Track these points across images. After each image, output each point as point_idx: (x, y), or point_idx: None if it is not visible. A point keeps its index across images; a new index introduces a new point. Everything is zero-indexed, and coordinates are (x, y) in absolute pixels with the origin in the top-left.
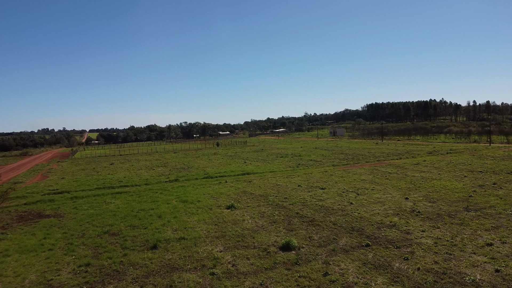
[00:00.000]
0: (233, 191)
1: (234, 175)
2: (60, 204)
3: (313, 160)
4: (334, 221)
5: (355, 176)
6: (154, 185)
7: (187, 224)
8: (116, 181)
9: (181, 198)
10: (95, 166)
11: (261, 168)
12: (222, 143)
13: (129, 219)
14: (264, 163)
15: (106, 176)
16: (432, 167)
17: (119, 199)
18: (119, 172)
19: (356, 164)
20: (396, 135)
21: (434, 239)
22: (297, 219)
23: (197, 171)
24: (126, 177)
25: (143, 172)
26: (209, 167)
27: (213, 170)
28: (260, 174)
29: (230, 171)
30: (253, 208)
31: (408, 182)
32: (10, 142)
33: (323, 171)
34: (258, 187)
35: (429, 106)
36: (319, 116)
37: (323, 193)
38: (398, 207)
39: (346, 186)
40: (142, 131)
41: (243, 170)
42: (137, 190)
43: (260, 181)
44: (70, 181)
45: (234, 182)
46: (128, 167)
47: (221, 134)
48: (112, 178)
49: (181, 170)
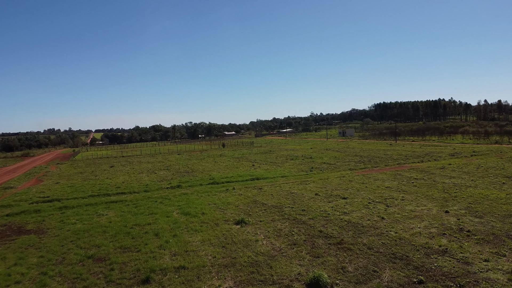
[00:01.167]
0: (242, 201)
1: (242, 180)
2: (46, 216)
3: (327, 163)
4: (368, 244)
5: (378, 183)
6: (154, 192)
7: (189, 245)
8: (113, 187)
9: (183, 210)
10: (94, 169)
11: (271, 173)
12: (228, 144)
13: (120, 238)
14: (273, 166)
15: (104, 180)
16: (461, 172)
17: (113, 210)
18: (118, 176)
19: (374, 168)
20: (409, 135)
21: (505, 273)
22: (322, 239)
23: (201, 175)
24: (125, 182)
25: (143, 177)
26: (215, 170)
27: (219, 174)
28: (271, 179)
29: (237, 176)
30: (267, 224)
31: (441, 190)
32: (14, 142)
33: (341, 176)
34: (270, 196)
35: (439, 106)
36: (325, 116)
37: (346, 204)
38: (440, 224)
39: (371, 195)
40: (147, 131)
41: (252, 175)
42: (134, 199)
43: (271, 188)
44: (65, 186)
45: (243, 189)
46: (129, 171)
47: (226, 135)
48: (109, 183)
49: (185, 174)
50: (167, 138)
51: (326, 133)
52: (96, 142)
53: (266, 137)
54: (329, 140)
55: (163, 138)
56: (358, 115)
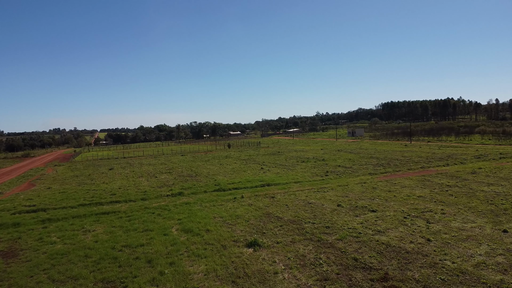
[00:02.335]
0: (253, 213)
1: (251, 186)
2: (25, 231)
3: (342, 167)
4: (422, 281)
5: (406, 191)
6: (152, 200)
7: (189, 280)
8: (108, 194)
9: (183, 225)
10: (92, 171)
11: (282, 178)
12: (234, 144)
13: (104, 266)
14: (284, 169)
15: (99, 185)
16: (498, 178)
17: (102, 224)
18: (115, 180)
19: (397, 172)
20: (422, 135)
21: None
22: (360, 272)
23: (206, 180)
24: (122, 187)
25: (143, 181)
26: (221, 174)
27: (225, 179)
28: (283, 185)
29: (246, 181)
30: (286, 247)
31: (483, 200)
32: (18, 142)
33: (361, 183)
34: (285, 207)
35: (448, 105)
36: (331, 116)
37: (377, 219)
38: (506, 250)
39: (403, 207)
40: (151, 131)
41: (261, 180)
42: (129, 209)
43: (285, 196)
44: (56, 192)
45: (253, 197)
46: (128, 174)
47: (231, 134)
48: (105, 189)
49: (188, 178)
50: (171, 138)
51: (336, 133)
52: (99, 142)
53: (273, 137)
54: (339, 141)
55: (168, 138)
56: (365, 114)
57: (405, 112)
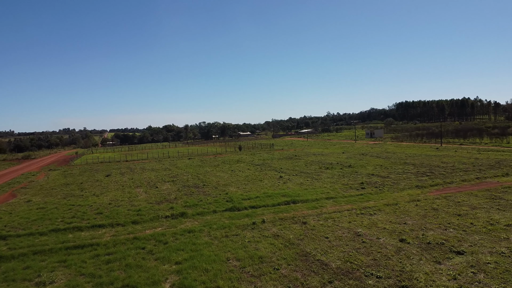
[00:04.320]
0: (283, 253)
1: (272, 204)
2: None
3: (377, 176)
4: None
5: (482, 215)
6: (146, 224)
7: None
8: (93, 213)
9: (183, 276)
10: (86, 178)
11: (309, 191)
12: (244, 146)
13: None
14: (308, 179)
15: (87, 199)
16: None
17: (68, 270)
18: (109, 191)
19: (450, 185)
20: (449, 137)
21: None
22: None
23: (215, 192)
24: (112, 202)
25: (140, 193)
26: (233, 185)
27: (239, 192)
28: (313, 203)
29: (264, 195)
30: None
31: None
32: (25, 142)
33: (413, 200)
34: (326, 241)
35: (466, 105)
36: (343, 116)
37: (476, 271)
38: None
39: (498, 245)
40: (159, 131)
41: (284, 194)
42: (113, 240)
43: (321, 222)
44: (33, 208)
45: (278, 222)
46: (125, 183)
47: (241, 135)
48: (92, 205)
49: (194, 190)
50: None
51: (352, 135)
52: (106, 143)
53: (285, 138)
54: (358, 143)
55: (176, 139)
56: (378, 114)
57: (420, 112)
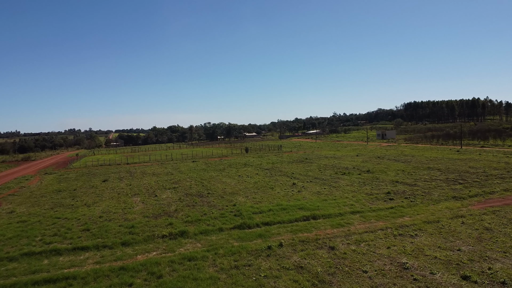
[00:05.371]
0: None
1: (289, 220)
2: None
3: (402, 183)
4: None
5: None
6: (138, 246)
7: None
8: (79, 229)
9: None
10: (81, 184)
11: (329, 202)
12: (251, 148)
13: None
14: (324, 186)
15: (76, 210)
16: None
17: None
18: (102, 200)
19: (490, 195)
20: (466, 138)
21: None
22: None
23: (222, 203)
24: (103, 215)
25: (137, 203)
26: (241, 193)
27: (248, 202)
28: (337, 218)
29: (278, 208)
30: None
31: None
32: (29, 143)
33: (456, 216)
34: (366, 278)
35: (477, 105)
36: (349, 116)
37: None
38: None
39: None
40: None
41: (301, 206)
42: (94, 271)
43: (352, 247)
44: (13, 222)
45: (298, 246)
46: (122, 190)
47: (247, 136)
48: (80, 218)
49: (197, 200)
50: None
51: (361, 136)
52: (110, 143)
53: (292, 139)
54: (371, 144)
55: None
56: (385, 115)
57: (429, 113)
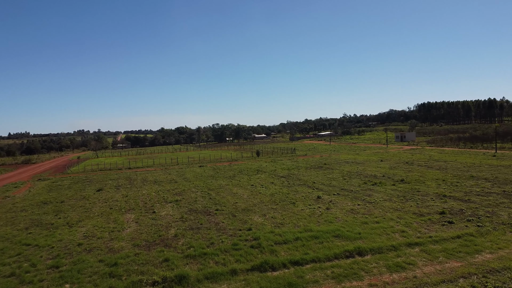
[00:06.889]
0: None
1: (325, 257)
2: None
3: (452, 198)
4: None
5: None
6: None
7: None
8: (46, 266)
9: None
10: (73, 193)
11: (371, 226)
12: (262, 151)
13: None
14: (357, 202)
15: (54, 232)
16: None
17: None
18: (90, 218)
19: None
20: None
21: None
22: None
23: (233, 225)
24: (85, 242)
25: (129, 223)
26: (256, 210)
27: (267, 226)
28: (391, 255)
29: (307, 235)
30: None
31: None
32: (36, 145)
33: None
34: None
35: (494, 106)
36: (360, 117)
37: None
38: None
39: None
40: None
41: (336, 232)
42: None
43: None
44: None
45: None
46: (115, 203)
47: (256, 137)
48: (54, 247)
49: (203, 219)
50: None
51: (386, 138)
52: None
53: (304, 141)
54: (391, 147)
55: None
56: (397, 116)
57: (444, 114)
